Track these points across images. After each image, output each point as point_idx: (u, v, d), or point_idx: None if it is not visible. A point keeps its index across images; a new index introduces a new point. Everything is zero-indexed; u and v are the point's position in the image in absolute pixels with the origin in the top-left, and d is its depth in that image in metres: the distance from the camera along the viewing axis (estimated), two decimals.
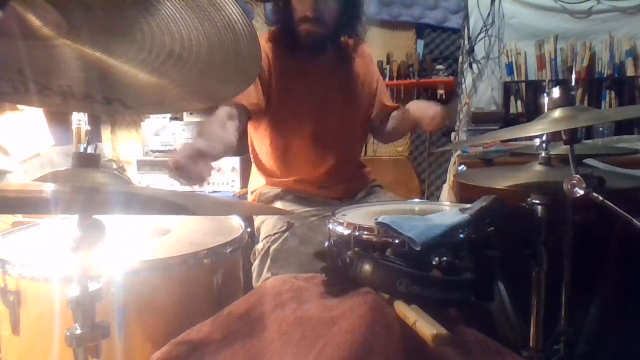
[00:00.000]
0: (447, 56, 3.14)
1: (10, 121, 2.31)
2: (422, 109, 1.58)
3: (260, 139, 1.66)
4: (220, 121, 1.40)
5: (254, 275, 1.49)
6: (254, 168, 1.76)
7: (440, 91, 3.05)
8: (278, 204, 1.61)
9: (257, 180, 1.73)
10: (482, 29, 2.88)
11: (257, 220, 1.61)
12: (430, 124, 1.54)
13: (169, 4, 0.61)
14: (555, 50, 2.76)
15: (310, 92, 1.58)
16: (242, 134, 2.12)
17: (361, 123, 1.72)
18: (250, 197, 1.76)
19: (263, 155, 1.68)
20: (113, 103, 0.73)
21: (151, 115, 2.65)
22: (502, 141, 2.04)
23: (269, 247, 1.46)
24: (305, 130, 1.60)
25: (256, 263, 1.50)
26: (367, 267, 0.88)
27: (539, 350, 1.15)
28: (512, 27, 2.86)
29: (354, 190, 1.71)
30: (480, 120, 2.55)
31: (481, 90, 2.92)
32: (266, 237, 1.50)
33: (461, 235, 0.95)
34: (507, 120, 2.62)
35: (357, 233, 1.01)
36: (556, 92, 1.06)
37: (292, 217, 1.50)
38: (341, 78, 1.65)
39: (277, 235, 1.47)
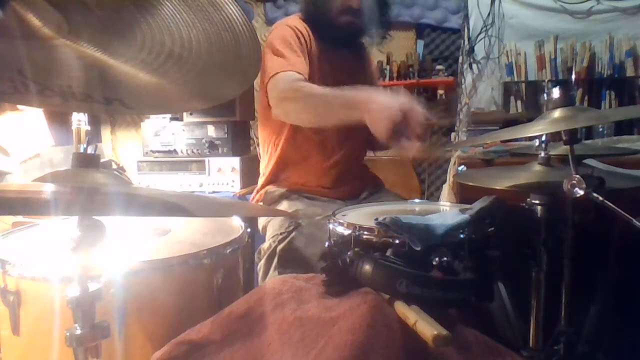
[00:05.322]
0: (447, 56, 3.15)
1: (10, 121, 2.31)
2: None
3: (268, 137, 1.66)
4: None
5: (260, 274, 1.49)
6: (261, 166, 1.76)
7: (440, 91, 3.05)
8: (284, 203, 1.61)
9: (264, 180, 1.73)
10: (482, 29, 2.89)
11: (263, 219, 1.61)
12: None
13: (169, 4, 0.61)
14: (555, 51, 2.76)
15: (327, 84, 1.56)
16: (246, 134, 2.12)
17: None
18: (255, 196, 1.76)
19: (271, 153, 1.68)
20: (113, 103, 0.73)
21: (151, 115, 2.65)
22: (502, 141, 2.04)
23: (275, 247, 1.46)
24: (316, 129, 1.59)
25: (262, 262, 1.50)
26: (367, 267, 0.88)
27: (539, 350, 1.15)
28: (512, 28, 2.87)
29: (358, 190, 1.71)
30: (480, 120, 2.56)
31: (481, 90, 2.93)
32: (273, 236, 1.49)
33: (461, 236, 0.95)
34: (507, 120, 2.62)
35: (357, 233, 1.00)
36: (556, 92, 1.06)
37: (297, 217, 1.49)
38: (357, 75, 1.65)
39: (284, 235, 1.46)
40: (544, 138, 1.20)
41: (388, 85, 3.11)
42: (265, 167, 1.73)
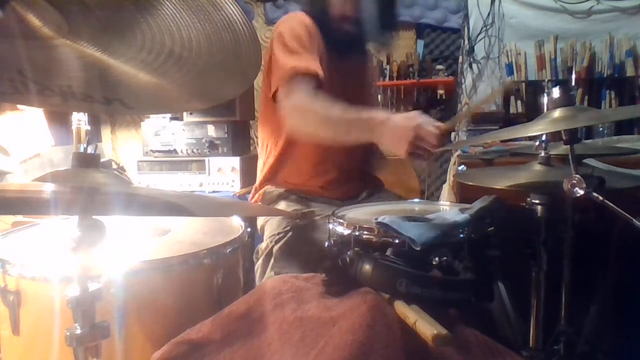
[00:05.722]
0: (447, 56, 3.15)
1: (10, 121, 2.31)
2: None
3: (268, 136, 1.66)
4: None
5: (257, 274, 1.49)
6: (259, 164, 1.75)
7: (440, 91, 3.05)
8: (282, 204, 1.61)
9: (262, 179, 1.73)
10: (482, 29, 2.89)
11: (261, 219, 1.61)
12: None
13: (169, 4, 0.61)
14: (555, 51, 2.76)
15: (333, 89, 1.56)
16: (246, 134, 2.11)
17: None
18: (254, 196, 1.75)
19: (271, 152, 1.68)
20: (113, 103, 0.73)
21: (151, 115, 2.65)
22: (502, 141, 2.04)
23: (272, 247, 1.46)
24: None
25: (259, 262, 1.49)
26: (367, 267, 0.88)
27: (539, 350, 1.15)
28: (512, 27, 2.87)
29: (357, 191, 1.71)
30: (480, 120, 2.56)
31: (481, 90, 2.93)
32: (270, 236, 1.49)
33: (461, 235, 0.95)
34: (507, 120, 2.62)
35: (357, 233, 1.00)
36: (556, 92, 1.06)
37: (296, 217, 1.49)
38: (361, 79, 1.65)
39: (281, 235, 1.46)
40: (544, 138, 1.20)
41: (388, 85, 3.11)
42: (263, 165, 1.72)
